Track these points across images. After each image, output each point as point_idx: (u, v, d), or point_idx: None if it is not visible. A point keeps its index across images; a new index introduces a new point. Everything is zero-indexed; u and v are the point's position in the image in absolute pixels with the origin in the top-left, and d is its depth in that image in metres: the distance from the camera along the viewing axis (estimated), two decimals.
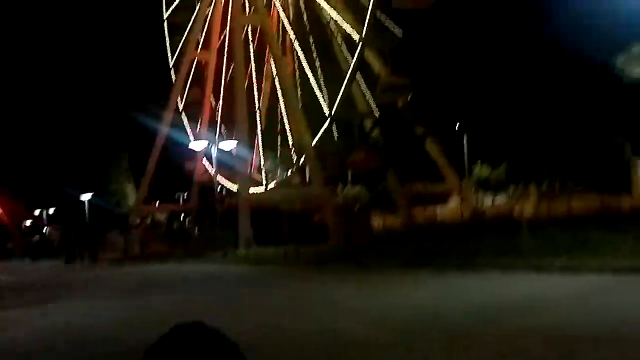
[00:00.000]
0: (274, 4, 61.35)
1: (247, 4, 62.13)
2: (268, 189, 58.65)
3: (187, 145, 58.57)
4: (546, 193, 44.84)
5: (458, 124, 46.72)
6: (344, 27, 52.94)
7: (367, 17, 48.79)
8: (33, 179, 73.17)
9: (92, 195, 63.69)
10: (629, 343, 9.62)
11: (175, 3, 68.54)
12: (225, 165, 54.65)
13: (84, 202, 61.88)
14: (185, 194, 69.40)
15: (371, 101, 55.66)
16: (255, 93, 62.72)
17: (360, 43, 49.43)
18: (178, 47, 69.08)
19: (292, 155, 58.57)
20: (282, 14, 60.18)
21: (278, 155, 60.82)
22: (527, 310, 13.19)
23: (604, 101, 37.82)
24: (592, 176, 43.10)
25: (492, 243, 24.89)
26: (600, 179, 41.31)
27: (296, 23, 60.62)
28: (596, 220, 30.05)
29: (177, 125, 68.00)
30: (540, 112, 45.99)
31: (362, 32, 49.26)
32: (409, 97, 53.75)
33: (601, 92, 37.27)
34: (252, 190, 57.73)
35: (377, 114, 55.02)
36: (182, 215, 67.58)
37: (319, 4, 55.64)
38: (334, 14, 54.11)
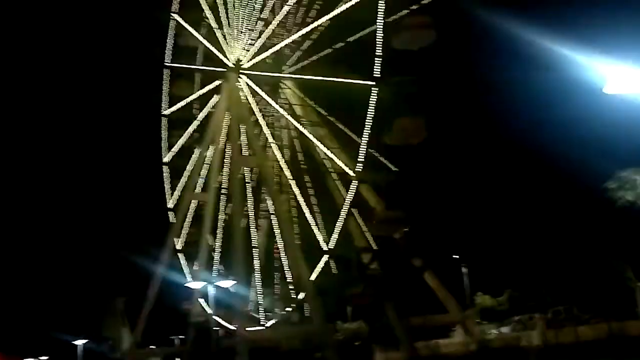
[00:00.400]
0: (270, 146, 63.27)
1: (244, 147, 64.09)
2: (267, 327, 57.45)
3: (184, 286, 58.04)
4: (552, 321, 44.03)
5: (457, 255, 46.83)
6: (338, 164, 54.26)
7: (361, 154, 50.14)
8: (25, 326, 71.78)
9: (86, 341, 62.32)
10: None
11: (176, 147, 70.54)
12: (223, 304, 53.98)
13: (76, 347, 60.45)
14: (182, 337, 67.91)
15: (368, 235, 55.94)
16: (253, 231, 63.18)
17: (355, 180, 50.47)
18: (176, 189, 70.26)
19: (290, 292, 57.97)
20: (279, 155, 61.90)
21: (277, 292, 60.20)
22: None
23: (600, 226, 38.19)
24: (596, 302, 42.66)
25: None
26: (605, 304, 40.89)
27: (292, 162, 62.28)
28: (605, 348, 29.38)
29: (174, 266, 67.68)
30: (538, 238, 46.29)
31: (356, 170, 50.43)
32: (405, 230, 54.09)
33: (596, 217, 37.73)
34: (251, 329, 56.60)
35: (374, 248, 55.06)
36: (178, 358, 65.78)
37: (314, 143, 57.40)
38: (328, 152, 55.68)
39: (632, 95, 20.24)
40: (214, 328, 58.32)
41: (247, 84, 62.62)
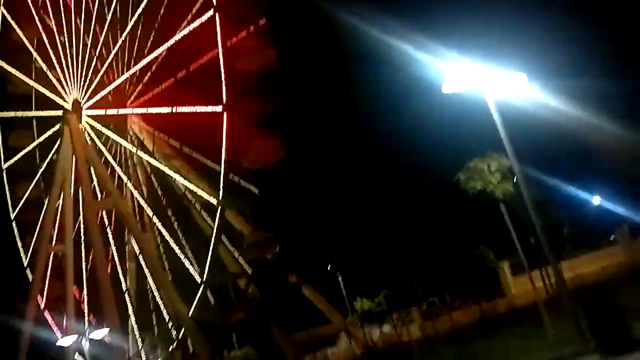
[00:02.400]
0: (126, 185, 61.26)
1: (97, 190, 61.63)
2: None
3: (56, 344, 54.87)
4: (428, 312, 46.04)
5: (331, 265, 47.75)
6: (200, 195, 53.50)
7: (221, 181, 49.76)
8: None
9: None
10: None
11: (23, 201, 66.61)
12: (102, 356, 51.64)
13: None
14: None
15: (241, 260, 55.64)
16: (121, 275, 60.88)
17: (219, 207, 49.96)
18: (31, 245, 66.29)
19: (170, 331, 56.40)
20: (136, 193, 60.04)
21: (156, 333, 58.35)
22: None
23: (458, 216, 40.43)
24: (465, 288, 45.13)
25: None
26: (474, 288, 43.36)
27: (152, 199, 60.56)
28: (479, 329, 31.07)
29: (42, 325, 63.81)
30: (403, 233, 48.25)
31: (219, 197, 49.95)
32: (277, 249, 54.37)
33: (453, 208, 39.89)
34: None
35: (249, 271, 54.84)
36: None
37: (172, 177, 56.26)
38: (187, 183, 54.77)
39: (466, 93, 21.74)
40: None
41: (90, 125, 60.29)
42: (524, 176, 19.96)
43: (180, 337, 54.21)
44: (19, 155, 65.93)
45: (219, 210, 49.83)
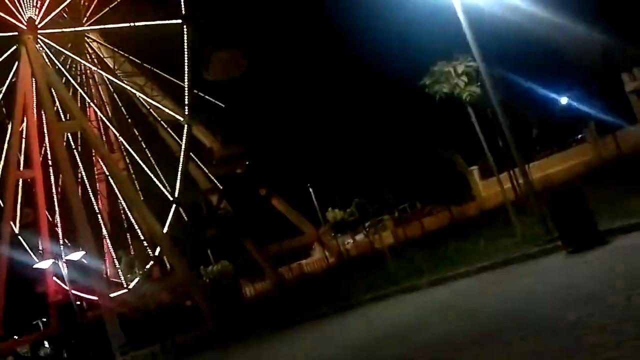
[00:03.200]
0: (90, 105, 59.94)
1: (61, 112, 60.23)
2: (130, 289, 56.09)
3: (33, 268, 54.89)
4: (399, 219, 46.62)
5: (301, 177, 47.71)
6: (166, 112, 52.60)
7: (187, 96, 48.83)
8: None
9: None
10: (509, 336, 9.95)
11: None
12: (79, 277, 51.83)
13: None
14: (45, 319, 65.01)
15: (211, 176, 55.45)
16: (92, 197, 60.46)
17: (186, 124, 49.23)
18: None
19: (146, 249, 56.71)
20: (100, 113, 58.85)
21: (132, 251, 58.66)
22: (403, 332, 13.41)
23: (425, 119, 40.26)
24: (435, 193, 45.58)
25: (362, 279, 25.26)
26: (444, 193, 43.78)
27: (117, 118, 59.51)
28: (449, 232, 31.42)
29: (17, 250, 63.69)
30: (371, 142, 48.14)
31: (185, 113, 49.11)
32: (246, 163, 54.17)
33: (421, 113, 39.64)
34: (115, 294, 55.13)
35: (220, 187, 54.79)
36: (46, 341, 63.10)
37: (136, 95, 55.09)
38: (152, 101, 53.71)
39: None
40: (76, 303, 56.17)
41: (47, 44, 58.22)
42: (490, 78, 19.63)
43: (156, 254, 54.64)
44: None
45: (186, 127, 49.20)
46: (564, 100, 45.25)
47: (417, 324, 13.80)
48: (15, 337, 68.56)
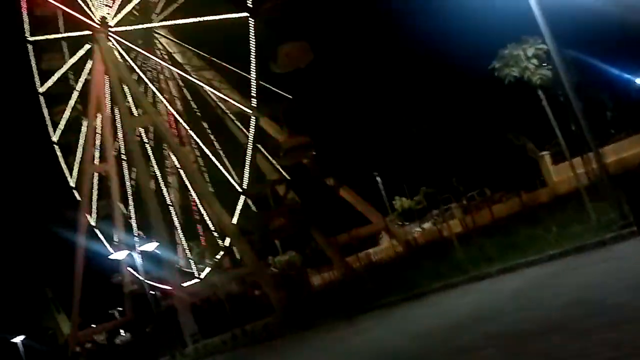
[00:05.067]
0: (160, 100, 61.34)
1: (133, 108, 61.92)
2: (201, 279, 57.34)
3: (109, 259, 56.82)
4: (468, 207, 45.81)
5: (369, 167, 47.48)
6: (233, 104, 53.27)
7: (253, 88, 49.27)
8: None
9: (25, 338, 60.76)
10: (573, 327, 9.65)
11: (62, 123, 67.36)
12: (153, 268, 53.34)
13: (16, 344, 59.03)
14: (120, 308, 67.32)
15: (278, 167, 55.89)
16: (164, 189, 62.00)
17: (253, 116, 49.70)
18: (74, 165, 67.64)
19: (216, 240, 57.74)
20: (171, 108, 60.12)
21: (203, 242, 59.86)
22: (472, 321, 13.18)
23: (494, 105, 39.40)
24: (506, 180, 44.56)
25: (430, 268, 24.99)
26: (515, 180, 42.75)
27: (187, 112, 60.75)
28: (520, 219, 30.70)
29: (93, 242, 66.06)
30: (440, 129, 47.45)
31: (251, 105, 49.59)
32: (313, 153, 54.33)
33: (490, 98, 38.83)
34: (186, 284, 56.46)
35: (287, 178, 55.17)
36: (122, 330, 65.37)
37: (203, 88, 56.02)
38: (220, 94, 54.49)
39: None
40: (150, 292, 57.89)
41: (119, 42, 59.82)
42: (562, 60, 19.02)
43: (226, 245, 55.57)
44: (53, 78, 66.02)
45: (252, 119, 49.68)
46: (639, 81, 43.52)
47: (487, 312, 13.54)
48: (93, 325, 71.31)
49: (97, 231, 67.33)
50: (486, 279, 18.79)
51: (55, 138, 68.32)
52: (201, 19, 52.96)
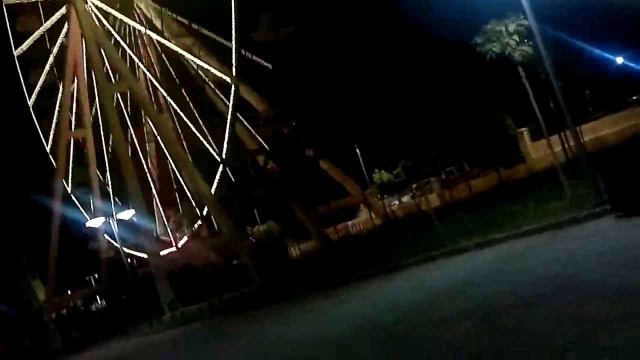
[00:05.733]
0: (138, 66, 60.57)
1: (110, 73, 61.09)
2: (178, 247, 57.31)
3: (85, 225, 56.51)
4: (446, 181, 46.18)
5: (348, 138, 47.50)
6: (213, 72, 52.76)
7: (234, 57, 48.84)
8: None
9: None
10: (547, 302, 9.86)
11: (38, 88, 66.34)
12: (129, 236, 53.18)
13: None
14: (96, 275, 67.17)
15: (258, 137, 55.70)
16: (141, 156, 61.56)
17: (234, 84, 49.30)
18: (50, 130, 66.81)
19: (194, 208, 57.63)
20: (149, 74, 59.41)
21: (180, 211, 59.67)
22: (448, 294, 13.39)
23: (475, 80, 39.49)
24: (484, 155, 44.86)
25: (408, 241, 25.24)
26: (493, 156, 43.06)
27: (165, 79, 60.04)
28: (497, 194, 31.03)
29: (69, 208, 65.55)
30: (419, 102, 47.51)
31: (231, 74, 49.18)
32: (293, 124, 54.17)
33: (470, 73, 38.89)
34: (164, 252, 56.40)
35: (267, 148, 55.03)
36: (98, 296, 65.32)
37: (184, 56, 55.36)
38: (200, 62, 53.89)
39: None
40: (127, 260, 57.80)
41: (96, 5, 58.79)
42: (543, 37, 19.08)
43: (204, 214, 55.48)
44: (28, 41, 64.84)
45: (233, 87, 49.29)
46: (619, 60, 43.81)
47: (463, 286, 13.75)
48: (69, 292, 71.18)
49: (74, 197, 66.81)
50: (464, 253, 19.03)
51: (30, 102, 67.33)
52: None
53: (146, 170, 61.56)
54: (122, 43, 59.89)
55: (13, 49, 65.73)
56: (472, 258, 17.84)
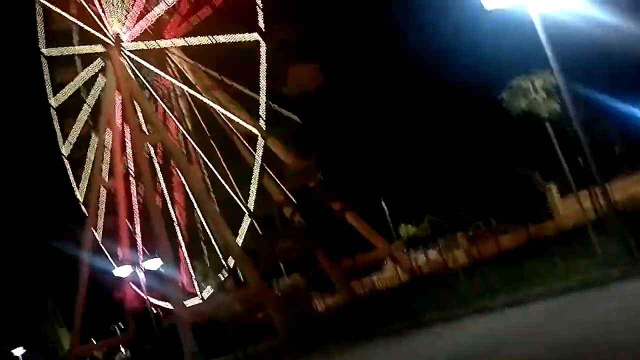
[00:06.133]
0: (170, 118, 61.60)
1: (143, 124, 62.20)
2: (205, 299, 57.12)
3: (112, 274, 56.68)
4: (473, 237, 45.66)
5: (374, 191, 47.50)
6: (242, 124, 53.38)
7: (262, 110, 49.48)
8: None
9: (25, 350, 60.60)
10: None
11: (71, 138, 67.63)
12: (156, 286, 53.17)
13: (17, 357, 58.86)
14: (121, 324, 67.04)
15: (285, 189, 55.88)
16: (170, 207, 61.99)
17: (261, 137, 49.83)
18: (82, 181, 67.78)
19: (220, 260, 57.58)
20: (180, 126, 60.36)
21: (207, 262, 59.67)
22: (474, 357, 13.09)
23: (501, 134, 39.45)
24: (512, 211, 44.41)
25: (434, 297, 24.92)
26: (521, 211, 42.60)
27: (195, 130, 60.87)
28: (526, 251, 30.65)
29: (98, 257, 65.94)
30: (447, 158, 47.47)
31: (260, 126, 49.75)
32: (320, 176, 54.33)
33: (497, 129, 38.91)
34: (189, 303, 56.19)
35: (294, 200, 55.12)
36: (122, 347, 65.07)
37: (214, 108, 56.22)
38: (229, 113, 54.65)
39: (509, 8, 20.78)
40: (152, 310, 57.73)
41: (132, 59, 60.29)
42: (571, 93, 19.06)
43: (230, 265, 55.35)
44: (64, 90, 66.41)
45: (261, 140, 49.77)
46: None
47: (490, 348, 13.45)
48: (93, 340, 71.04)
49: (102, 246, 67.26)
50: (490, 312, 18.65)
51: (65, 152, 68.53)
52: (213, 39, 53.40)
53: (174, 221, 61.88)
54: (155, 95, 61.09)
55: (50, 99, 67.36)
56: (499, 317, 17.49)
